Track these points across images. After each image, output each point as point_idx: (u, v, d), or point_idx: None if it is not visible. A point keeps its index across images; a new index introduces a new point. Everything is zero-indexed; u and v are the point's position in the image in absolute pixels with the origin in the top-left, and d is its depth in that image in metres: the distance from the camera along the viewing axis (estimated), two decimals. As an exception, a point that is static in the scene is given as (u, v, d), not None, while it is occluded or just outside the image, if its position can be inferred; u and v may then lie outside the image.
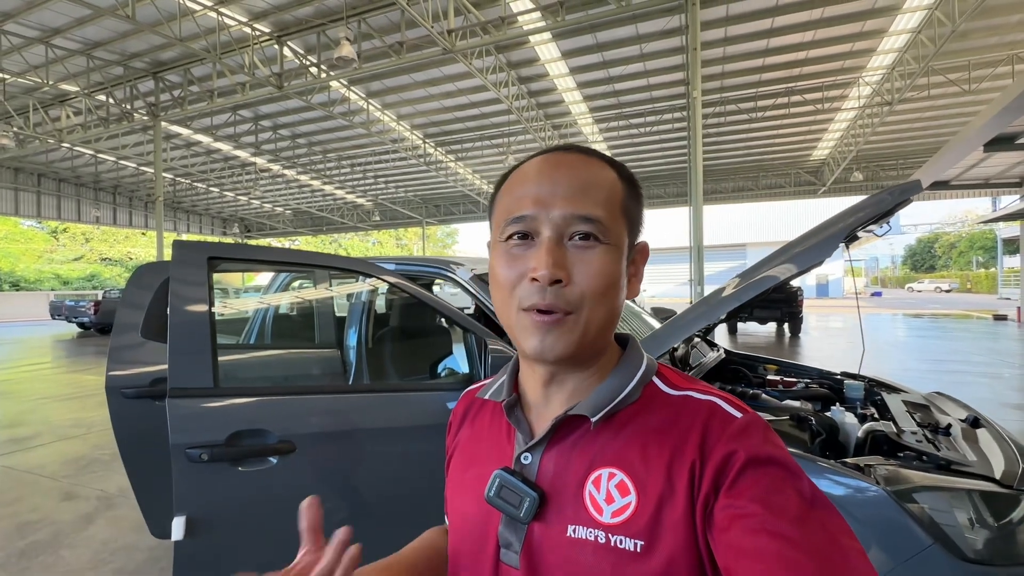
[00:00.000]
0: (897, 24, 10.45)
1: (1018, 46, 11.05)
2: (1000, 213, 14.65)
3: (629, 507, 0.47)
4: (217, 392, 1.28)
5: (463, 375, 1.67)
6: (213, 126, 15.65)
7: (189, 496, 1.22)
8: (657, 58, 11.76)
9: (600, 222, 0.49)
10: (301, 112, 14.89)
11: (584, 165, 0.52)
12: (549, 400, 0.55)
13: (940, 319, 16.95)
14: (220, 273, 1.52)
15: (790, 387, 2.15)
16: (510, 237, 0.51)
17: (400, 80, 12.98)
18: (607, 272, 0.49)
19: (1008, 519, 1.16)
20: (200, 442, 1.24)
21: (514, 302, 0.50)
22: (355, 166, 20.34)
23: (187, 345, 1.28)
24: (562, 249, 0.49)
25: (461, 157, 19.24)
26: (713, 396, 0.50)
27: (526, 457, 0.53)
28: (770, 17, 10.12)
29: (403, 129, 16.27)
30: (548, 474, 0.52)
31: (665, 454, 0.47)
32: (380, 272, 1.58)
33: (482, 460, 0.59)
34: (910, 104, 13.84)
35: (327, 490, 1.38)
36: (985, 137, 9.62)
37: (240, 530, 1.28)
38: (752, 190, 22.02)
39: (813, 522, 0.41)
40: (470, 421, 0.65)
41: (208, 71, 12.13)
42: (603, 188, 0.50)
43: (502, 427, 0.59)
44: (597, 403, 0.51)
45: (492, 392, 0.60)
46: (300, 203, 26.84)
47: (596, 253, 0.49)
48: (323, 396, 1.43)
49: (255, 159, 18.98)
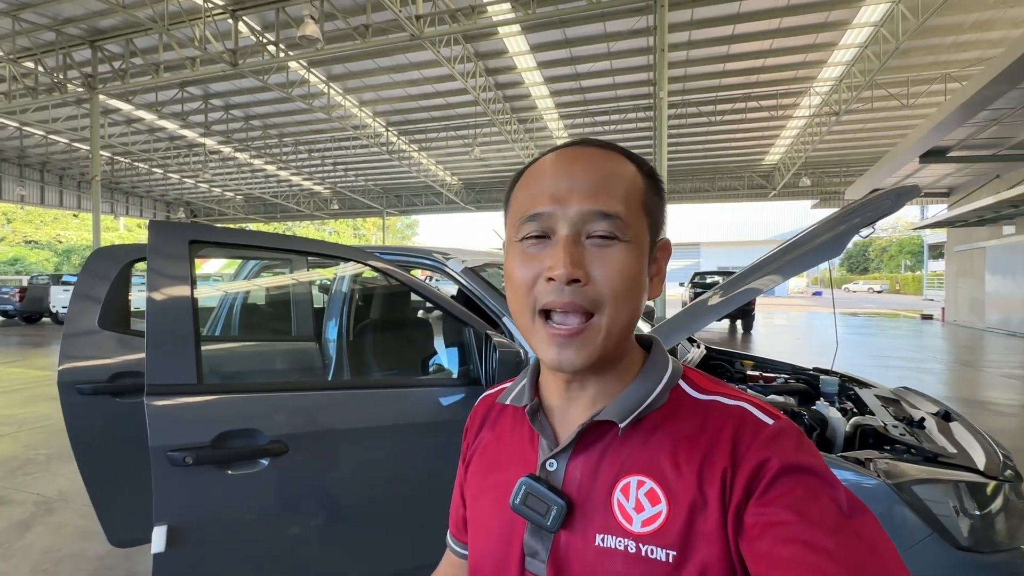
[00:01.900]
0: (846, 39, 11.03)
1: (951, 66, 11.92)
2: (928, 221, 15.82)
3: (660, 516, 0.46)
4: (201, 389, 1.17)
5: (462, 370, 1.61)
6: (158, 102, 14.63)
7: (171, 503, 1.11)
8: (624, 57, 11.91)
9: (620, 219, 0.47)
10: (256, 92, 14.14)
11: (603, 159, 0.49)
12: (572, 405, 0.53)
13: (875, 318, 18.17)
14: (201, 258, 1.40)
15: (770, 382, 2.22)
16: (526, 237, 0.48)
17: (364, 64, 12.55)
18: (628, 271, 0.47)
19: (992, 508, 1.23)
20: (183, 444, 1.12)
21: (530, 304, 0.48)
22: (313, 152, 19.58)
23: (167, 337, 1.16)
24: (580, 247, 0.46)
25: (425, 147, 18.88)
26: (742, 401, 0.49)
27: (551, 464, 0.52)
28: (731, 24, 10.46)
29: (365, 116, 15.77)
30: (575, 481, 0.50)
31: (695, 461, 0.46)
32: (378, 261, 1.49)
33: (505, 466, 0.57)
34: (855, 115, 14.68)
35: (323, 493, 1.30)
36: (921, 149, 10.35)
37: (228, 539, 1.17)
38: (708, 191, 22.81)
39: (849, 532, 0.39)
40: (490, 425, 0.63)
41: (154, 43, 11.29)
42: (623, 183, 0.48)
43: (524, 432, 0.57)
44: (624, 408, 0.49)
45: (513, 397, 0.58)
46: (253, 188, 25.59)
47: (616, 251, 0.47)
48: (317, 392, 1.34)
49: (204, 140, 17.91)
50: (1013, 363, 8.67)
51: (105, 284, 1.82)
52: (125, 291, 1.84)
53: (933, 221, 15.00)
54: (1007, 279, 13.33)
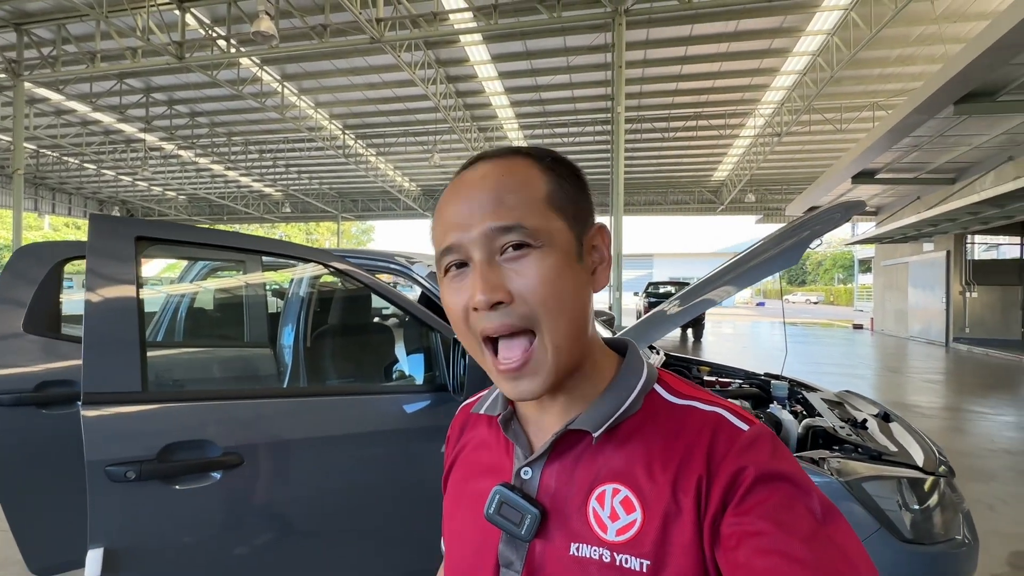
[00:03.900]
0: (788, 65, 11.79)
1: (878, 96, 12.97)
2: (858, 238, 17.07)
3: (634, 525, 0.45)
4: (146, 397, 1.08)
5: (427, 376, 1.57)
6: (93, 93, 13.67)
7: (109, 523, 1.01)
8: (582, 72, 12.22)
9: (522, 227, 0.45)
10: (204, 88, 13.48)
11: (495, 171, 0.48)
12: (545, 413, 0.52)
13: (811, 327, 19.32)
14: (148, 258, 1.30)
15: (726, 387, 2.30)
16: (447, 269, 0.48)
17: (320, 65, 12.24)
18: (549, 276, 0.45)
19: (930, 502, 1.31)
20: (125, 458, 1.03)
21: (473, 335, 0.47)
22: (264, 152, 18.86)
23: (108, 341, 1.06)
24: (495, 268, 0.45)
25: (383, 152, 18.59)
26: (718, 407, 0.49)
27: (526, 472, 0.51)
28: (684, 46, 10.95)
29: (321, 117, 15.36)
30: (549, 489, 0.49)
31: (671, 469, 0.45)
32: (340, 264, 1.43)
33: (480, 475, 0.56)
34: (795, 137, 15.67)
35: (281, 507, 1.22)
36: (852, 171, 11.18)
37: (174, 561, 1.08)
38: (661, 204, 23.65)
39: (823, 539, 0.40)
40: (468, 435, 0.62)
41: (90, 30, 10.57)
42: (519, 189, 0.47)
43: (499, 441, 0.56)
44: (598, 417, 0.48)
45: (487, 406, 0.58)
46: (197, 188, 24.31)
47: (530, 261, 0.45)
48: (275, 400, 1.27)
49: (144, 135, 16.86)
50: (932, 369, 9.42)
51: (31, 285, 1.66)
52: (55, 292, 1.69)
53: (863, 238, 16.18)
54: (926, 292, 14.53)
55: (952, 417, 5.76)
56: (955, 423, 5.46)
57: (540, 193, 0.47)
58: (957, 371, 9.27)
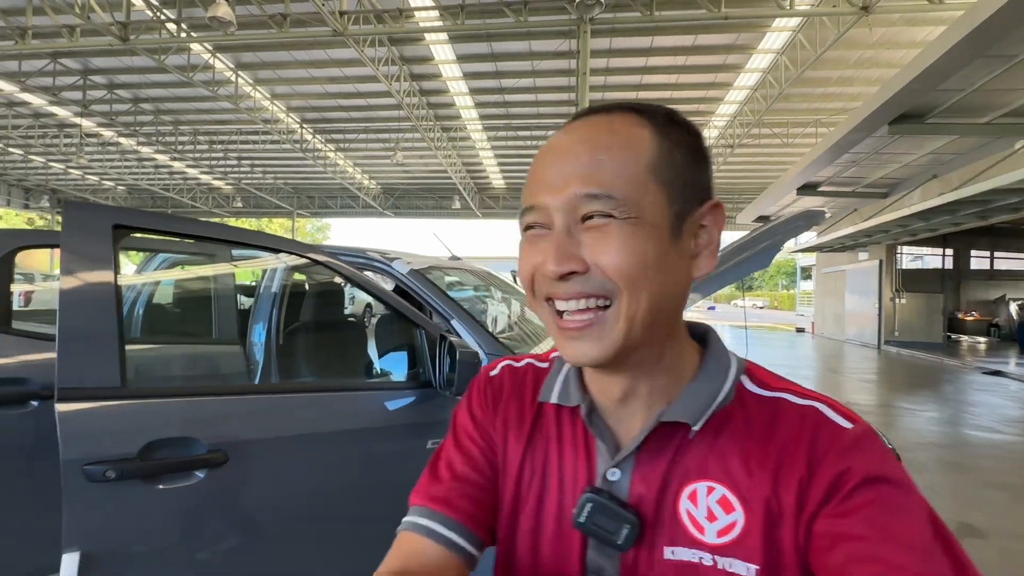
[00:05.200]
0: (741, 80, 12.39)
1: (821, 113, 13.82)
2: (801, 246, 18.17)
3: (736, 526, 0.42)
4: (126, 393, 1.03)
5: (411, 372, 1.56)
6: (22, 72, 12.61)
7: (86, 525, 0.95)
8: (546, 76, 12.37)
9: (611, 196, 0.41)
10: (149, 73, 12.71)
11: (596, 129, 0.44)
12: (625, 404, 0.48)
13: (758, 330, 20.32)
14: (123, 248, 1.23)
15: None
16: (527, 227, 0.46)
17: (278, 55, 11.81)
18: (631, 250, 0.41)
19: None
20: (104, 456, 0.97)
21: (539, 296, 0.45)
22: (215, 144, 17.95)
23: (84, 334, 1.00)
24: (574, 238, 0.42)
25: (342, 148, 18.12)
26: (814, 400, 0.45)
27: (613, 473, 0.47)
28: (645, 56, 11.30)
29: (277, 110, 14.80)
30: (640, 491, 0.46)
31: (769, 466, 0.42)
32: (329, 258, 1.41)
33: (546, 470, 0.51)
34: (746, 149, 16.46)
35: (269, 506, 1.18)
36: (797, 183, 11.89)
37: (155, 563, 1.03)
38: (620, 210, 24.21)
39: (932, 550, 0.36)
40: (518, 410, 0.55)
41: (20, 3, 9.77)
42: (619, 151, 0.42)
43: (575, 435, 0.51)
44: (693, 408, 0.45)
45: (558, 394, 0.52)
46: (138, 179, 22.83)
47: (612, 231, 0.41)
48: (263, 396, 1.23)
49: (79, 120, 15.70)
50: (867, 369, 10.13)
51: (-22, 275, 1.54)
52: (5, 284, 1.57)
53: (805, 247, 17.21)
54: (861, 298, 15.60)
55: (886, 414, 6.22)
56: (888, 419, 5.91)
57: (643, 159, 0.43)
58: (888, 371, 10.01)
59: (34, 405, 1.48)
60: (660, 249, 0.42)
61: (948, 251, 15.97)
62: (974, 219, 10.34)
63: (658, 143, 0.44)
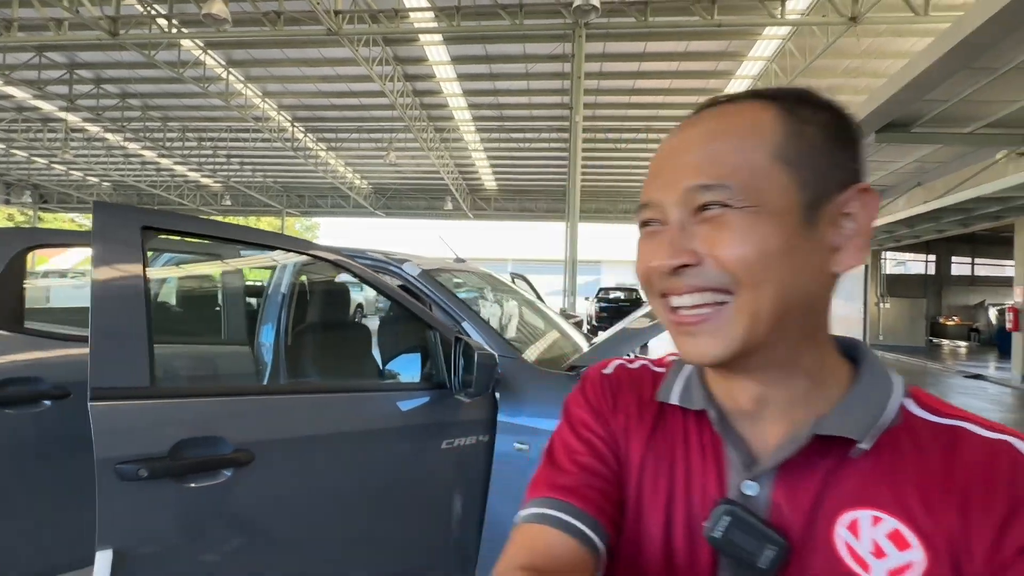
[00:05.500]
0: (731, 87, 12.56)
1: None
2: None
3: (913, 567, 0.37)
4: (155, 392, 1.04)
5: (425, 373, 1.59)
6: (6, 65, 12.36)
7: (119, 523, 0.96)
8: (541, 79, 12.43)
9: (726, 185, 0.38)
10: (139, 68, 12.53)
11: (715, 119, 0.42)
12: (760, 411, 0.44)
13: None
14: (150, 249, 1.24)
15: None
16: (642, 224, 0.45)
17: (271, 53, 11.72)
18: (748, 241, 0.38)
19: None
20: (136, 455, 0.98)
21: (654, 292, 0.44)
22: (204, 141, 17.75)
23: (115, 334, 1.01)
24: (687, 230, 0.40)
25: (334, 147, 18.02)
26: (1004, 434, 0.40)
27: (750, 487, 0.43)
28: (638, 61, 11.42)
29: (269, 108, 14.68)
30: (783, 510, 0.41)
31: (953, 502, 0.37)
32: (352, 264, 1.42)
33: (679, 477, 0.47)
34: (735, 154, 16.67)
35: (294, 505, 1.20)
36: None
37: (185, 561, 1.04)
38: (611, 212, 24.39)
39: None
40: (638, 410, 0.51)
41: (7, -4, 9.59)
42: (739, 137, 0.40)
43: (695, 438, 0.47)
44: (858, 422, 0.40)
45: (679, 395, 0.49)
46: (125, 175, 22.46)
47: (728, 221, 0.38)
48: (287, 396, 1.25)
49: (65, 115, 15.42)
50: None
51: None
52: (17, 283, 1.57)
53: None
54: (848, 302, 15.89)
55: (871, 416, 6.35)
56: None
57: (767, 143, 0.39)
58: (873, 374, 10.18)
59: (46, 405, 1.48)
60: (786, 239, 0.38)
61: (931, 257, 16.36)
62: (957, 226, 10.62)
63: (784, 124, 0.40)
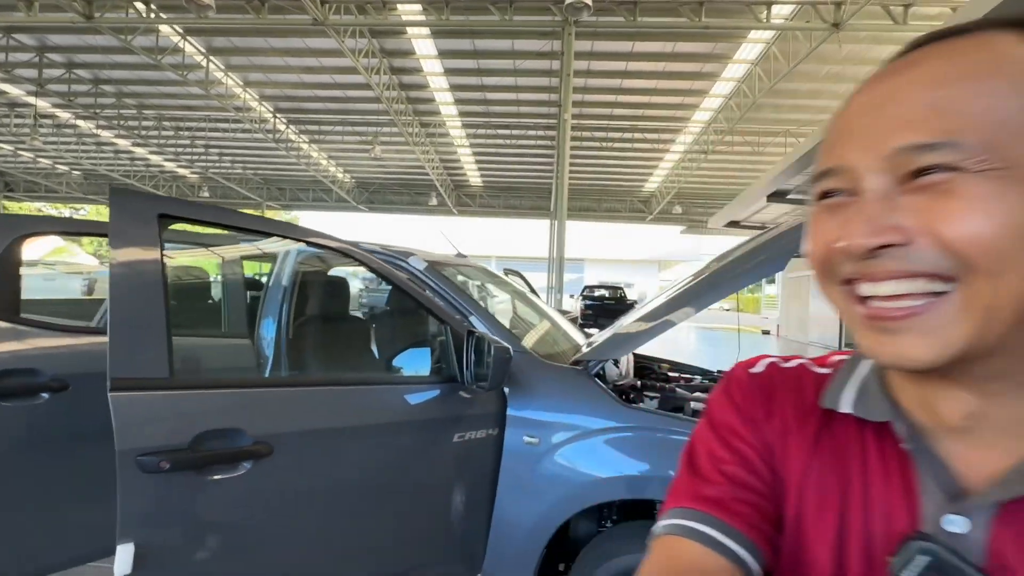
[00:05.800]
0: (716, 88, 12.76)
1: (791, 124, 14.38)
2: (769, 250, 18.90)
3: None
4: (174, 383, 1.02)
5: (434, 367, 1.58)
6: (-30, 47, 11.83)
7: (139, 516, 0.94)
8: (528, 76, 12.42)
9: (958, 144, 0.29)
10: (113, 53, 12.11)
11: (946, 57, 0.31)
12: (971, 430, 0.35)
13: (729, 332, 20.99)
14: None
15: (689, 382, 2.50)
16: (821, 195, 0.35)
17: (253, 41, 11.45)
18: (988, 214, 0.28)
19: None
20: (157, 447, 0.96)
21: (832, 278, 0.35)
22: (181, 130, 17.27)
23: (134, 324, 0.98)
24: (891, 202, 0.31)
25: (316, 140, 17.72)
26: None
27: (954, 522, 0.34)
28: (625, 60, 11.50)
29: (250, 98, 14.36)
30: (1007, 560, 0.33)
31: None
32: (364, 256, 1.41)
33: (855, 499, 0.39)
34: (719, 155, 16.95)
35: (314, 497, 1.19)
36: (768, 190, 12.35)
37: (207, 554, 1.02)
38: (595, 211, 24.57)
39: None
40: (796, 416, 0.43)
41: (-27, -27, 9.17)
42: (975, 81, 0.30)
43: (874, 455, 0.39)
44: None
45: (853, 401, 0.40)
46: (96, 164, 21.72)
47: (959, 188, 0.29)
48: (305, 388, 1.23)
49: (33, 100, 14.82)
50: (829, 370, 10.60)
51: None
52: (13, 271, 1.51)
53: (772, 251, 17.84)
54: (824, 302, 16.30)
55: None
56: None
57: (1019, 86, 0.29)
58: (848, 372, 10.50)
59: (44, 397, 1.43)
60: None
61: (902, 259, 16.85)
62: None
63: None
